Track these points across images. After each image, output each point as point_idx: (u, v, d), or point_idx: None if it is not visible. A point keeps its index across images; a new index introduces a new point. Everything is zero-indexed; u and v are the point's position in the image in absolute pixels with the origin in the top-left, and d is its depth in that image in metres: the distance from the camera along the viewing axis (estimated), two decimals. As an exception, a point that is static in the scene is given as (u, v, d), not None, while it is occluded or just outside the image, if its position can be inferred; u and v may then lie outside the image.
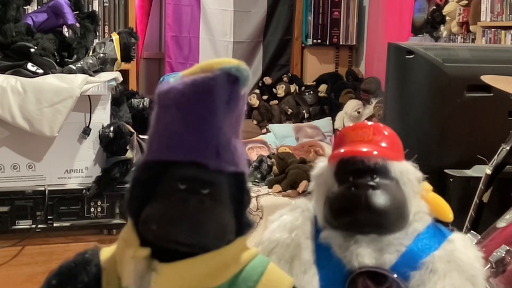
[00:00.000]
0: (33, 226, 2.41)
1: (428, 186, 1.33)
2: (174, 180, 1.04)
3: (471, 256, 1.24)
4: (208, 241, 1.03)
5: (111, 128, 2.44)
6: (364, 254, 1.21)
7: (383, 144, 1.28)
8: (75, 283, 1.11)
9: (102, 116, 2.52)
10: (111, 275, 1.10)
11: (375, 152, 1.24)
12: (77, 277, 1.11)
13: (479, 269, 1.24)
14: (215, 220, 1.04)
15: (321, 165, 1.33)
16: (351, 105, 5.45)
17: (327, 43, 6.32)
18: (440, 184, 2.28)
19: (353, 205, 1.23)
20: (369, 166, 1.24)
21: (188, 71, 1.07)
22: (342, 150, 1.27)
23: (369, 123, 1.33)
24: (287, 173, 4.03)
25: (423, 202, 1.30)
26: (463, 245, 1.26)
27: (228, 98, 1.04)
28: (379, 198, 1.22)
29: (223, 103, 1.03)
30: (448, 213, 1.33)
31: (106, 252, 1.13)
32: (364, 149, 1.25)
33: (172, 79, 1.08)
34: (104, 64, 2.60)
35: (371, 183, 1.23)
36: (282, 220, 1.31)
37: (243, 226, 1.09)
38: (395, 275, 1.20)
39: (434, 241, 1.25)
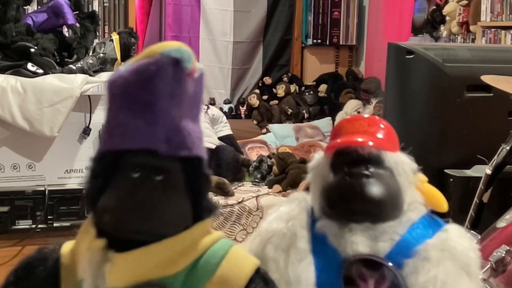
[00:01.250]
0: (33, 226, 2.41)
1: (423, 177, 1.34)
2: (127, 169, 1.03)
3: (465, 245, 1.25)
4: (162, 228, 1.02)
5: (111, 128, 2.44)
6: (359, 242, 1.21)
7: (379, 135, 1.29)
8: (32, 278, 1.11)
9: (102, 116, 2.52)
10: (70, 268, 1.09)
11: (370, 142, 1.25)
12: (34, 272, 1.11)
13: (473, 258, 1.24)
14: (168, 206, 1.02)
15: (317, 156, 1.34)
16: (351, 105, 5.45)
17: (327, 43, 6.33)
18: (440, 184, 2.27)
19: (348, 194, 1.24)
20: (363, 156, 1.25)
21: (135, 58, 1.07)
22: (339, 140, 1.28)
23: (365, 115, 1.34)
24: (287, 173, 4.03)
25: (418, 192, 1.31)
26: (457, 235, 1.26)
27: (172, 80, 1.03)
28: (373, 187, 1.22)
29: (167, 87, 1.02)
30: (443, 204, 1.34)
31: (67, 246, 1.12)
32: (359, 139, 1.26)
33: (121, 68, 1.07)
34: (104, 64, 2.60)
35: (366, 172, 1.24)
36: (279, 211, 1.32)
37: (202, 211, 1.07)
38: (390, 263, 1.20)
39: (428, 230, 1.26)
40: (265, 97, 5.95)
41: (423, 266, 1.20)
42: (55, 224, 2.44)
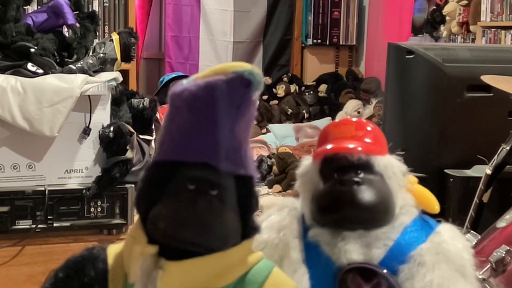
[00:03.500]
0: (33, 226, 2.40)
1: (413, 178, 1.33)
2: (184, 180, 1.05)
3: (459, 247, 1.25)
4: (214, 242, 1.04)
5: (111, 128, 2.44)
6: (352, 250, 1.21)
7: (366, 140, 1.28)
8: (82, 277, 1.12)
9: (102, 116, 2.52)
10: (117, 271, 1.11)
11: (359, 148, 1.25)
12: (84, 271, 1.12)
13: (467, 259, 1.24)
14: (222, 221, 1.05)
15: (306, 163, 1.33)
16: (351, 105, 5.45)
17: (327, 43, 6.33)
18: (440, 184, 2.28)
19: (339, 202, 1.23)
20: (352, 162, 1.25)
21: (201, 74, 1.08)
22: (328, 147, 1.27)
23: (354, 119, 1.33)
24: (287, 173, 4.03)
25: (409, 195, 1.31)
26: (450, 236, 1.26)
27: (240, 101, 1.04)
28: (364, 194, 1.22)
29: (235, 106, 1.04)
30: (434, 205, 1.33)
31: (113, 249, 1.14)
32: (347, 146, 1.25)
33: (185, 81, 1.08)
34: (104, 64, 2.60)
35: (356, 179, 1.24)
36: (269, 220, 1.32)
37: (249, 230, 1.10)
38: (385, 270, 1.20)
39: (421, 233, 1.26)
40: (265, 97, 5.95)
41: (419, 271, 1.20)
42: (55, 224, 2.44)
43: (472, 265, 1.25)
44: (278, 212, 1.33)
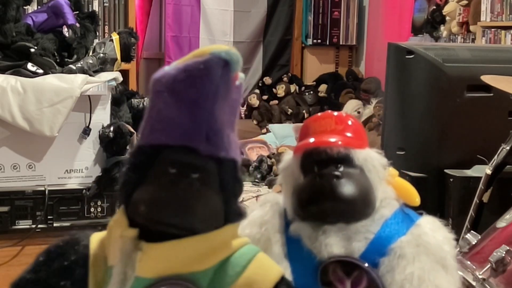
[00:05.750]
0: (33, 226, 2.41)
1: (394, 171, 1.34)
2: (165, 164, 1.05)
3: (440, 239, 1.25)
4: (195, 224, 1.04)
5: (111, 128, 2.44)
6: (333, 243, 1.21)
7: (347, 134, 1.29)
8: (62, 260, 1.13)
9: (102, 116, 2.52)
10: (98, 256, 1.11)
11: (339, 142, 1.25)
12: (64, 255, 1.13)
13: (448, 251, 1.24)
14: (203, 203, 1.05)
15: (287, 157, 1.34)
16: (351, 105, 5.45)
17: (327, 43, 6.33)
18: (440, 184, 2.28)
19: (319, 195, 1.23)
20: (332, 156, 1.25)
21: (182, 59, 1.10)
22: (308, 141, 1.28)
23: (335, 113, 1.33)
24: (287, 173, 4.03)
25: (389, 187, 1.31)
26: (430, 228, 1.26)
27: (219, 82, 1.05)
28: (344, 187, 1.22)
29: (214, 87, 1.04)
30: (415, 197, 1.33)
31: (97, 236, 1.15)
32: (328, 139, 1.26)
33: (167, 67, 1.10)
34: (104, 64, 2.60)
35: (336, 172, 1.24)
36: (252, 215, 1.32)
37: (233, 214, 1.10)
38: (366, 264, 1.20)
39: (402, 226, 1.26)
40: (265, 97, 5.95)
41: (399, 263, 1.20)
42: (55, 224, 2.44)
43: (453, 257, 1.25)
44: (260, 207, 1.34)
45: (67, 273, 1.12)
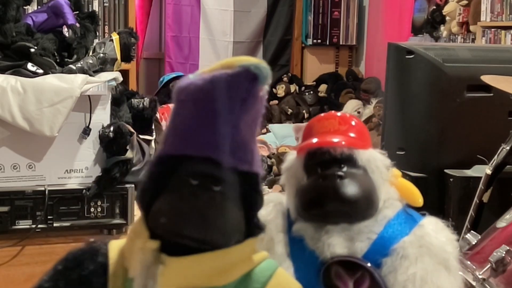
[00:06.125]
0: (33, 226, 2.40)
1: (397, 172, 1.34)
2: (187, 175, 1.03)
3: (442, 240, 1.25)
4: (216, 238, 1.03)
5: (111, 128, 2.44)
6: (336, 244, 1.22)
7: (350, 134, 1.29)
8: (81, 270, 1.11)
9: (102, 116, 2.52)
10: (118, 266, 1.10)
11: (342, 142, 1.25)
12: (83, 264, 1.12)
13: (450, 252, 1.25)
14: (224, 217, 1.03)
15: (290, 158, 1.34)
16: (351, 105, 5.45)
17: (327, 43, 6.33)
18: (440, 184, 2.28)
19: (322, 196, 1.24)
20: (335, 156, 1.25)
21: (208, 68, 1.06)
22: (311, 141, 1.27)
23: (338, 114, 1.33)
24: (287, 173, 4.03)
25: (392, 188, 1.31)
26: (433, 229, 1.26)
27: (246, 95, 1.03)
28: (347, 188, 1.23)
29: (240, 100, 1.02)
30: (418, 198, 1.34)
31: (115, 244, 1.13)
32: (331, 140, 1.26)
33: (192, 76, 1.07)
34: (104, 64, 2.60)
35: (339, 173, 1.24)
36: None
37: (253, 228, 1.09)
38: (368, 264, 1.20)
39: (404, 226, 1.26)
40: (265, 97, 5.95)
41: (402, 264, 1.21)
42: (55, 224, 2.44)
43: (456, 258, 1.26)
44: (264, 207, 1.35)
45: (86, 283, 1.11)
